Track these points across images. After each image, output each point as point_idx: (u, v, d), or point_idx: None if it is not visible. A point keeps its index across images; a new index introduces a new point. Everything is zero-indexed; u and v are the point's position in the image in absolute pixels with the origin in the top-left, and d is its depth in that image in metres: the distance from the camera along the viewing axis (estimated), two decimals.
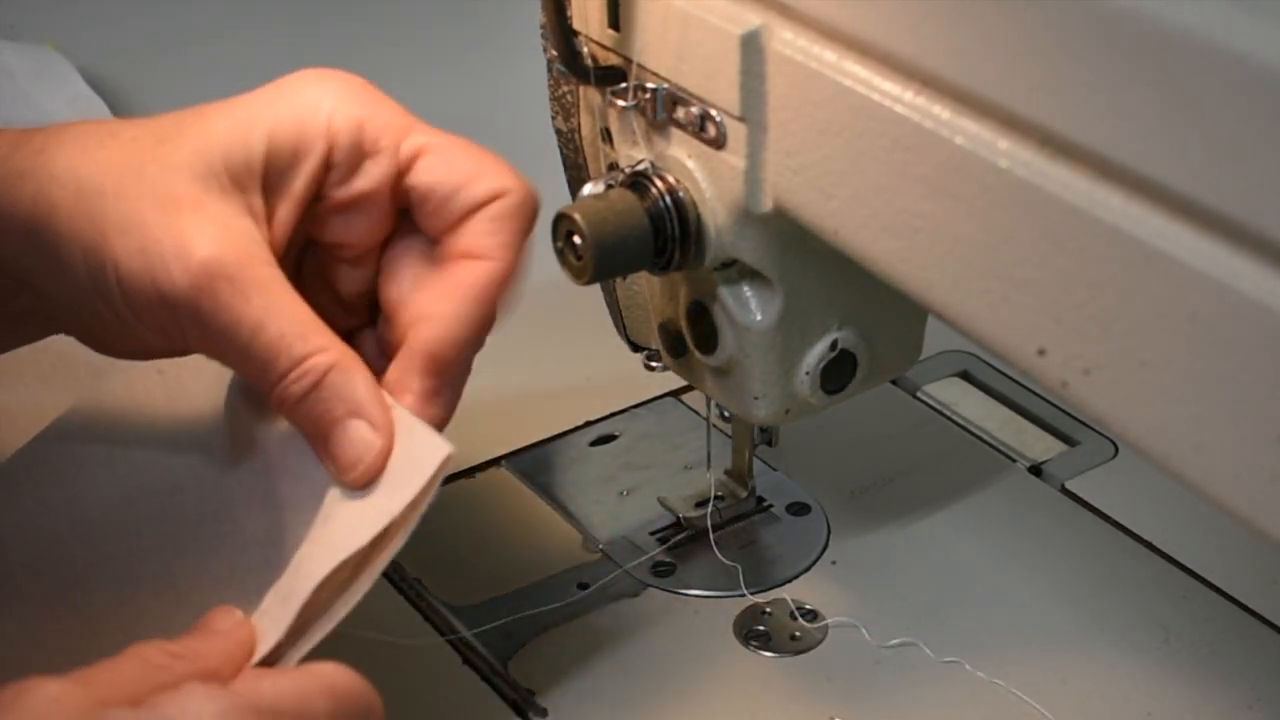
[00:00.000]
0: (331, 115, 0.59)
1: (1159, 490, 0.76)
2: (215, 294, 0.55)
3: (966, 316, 0.52)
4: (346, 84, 0.60)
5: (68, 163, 0.57)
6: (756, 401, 0.66)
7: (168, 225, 0.56)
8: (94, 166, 0.57)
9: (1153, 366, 0.46)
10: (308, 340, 0.56)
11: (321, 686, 0.52)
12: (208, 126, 0.58)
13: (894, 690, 0.69)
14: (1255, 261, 0.42)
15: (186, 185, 0.57)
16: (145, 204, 0.56)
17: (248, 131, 0.58)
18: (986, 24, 0.48)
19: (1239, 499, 0.44)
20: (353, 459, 0.57)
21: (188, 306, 0.55)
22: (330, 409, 0.57)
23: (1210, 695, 0.68)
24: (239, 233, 0.57)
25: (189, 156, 0.57)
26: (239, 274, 0.56)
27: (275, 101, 0.59)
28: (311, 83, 0.60)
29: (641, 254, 0.62)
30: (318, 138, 0.58)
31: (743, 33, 0.57)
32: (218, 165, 0.57)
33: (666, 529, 0.77)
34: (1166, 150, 0.43)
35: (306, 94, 0.59)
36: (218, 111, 0.59)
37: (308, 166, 0.59)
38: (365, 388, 0.57)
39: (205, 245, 0.55)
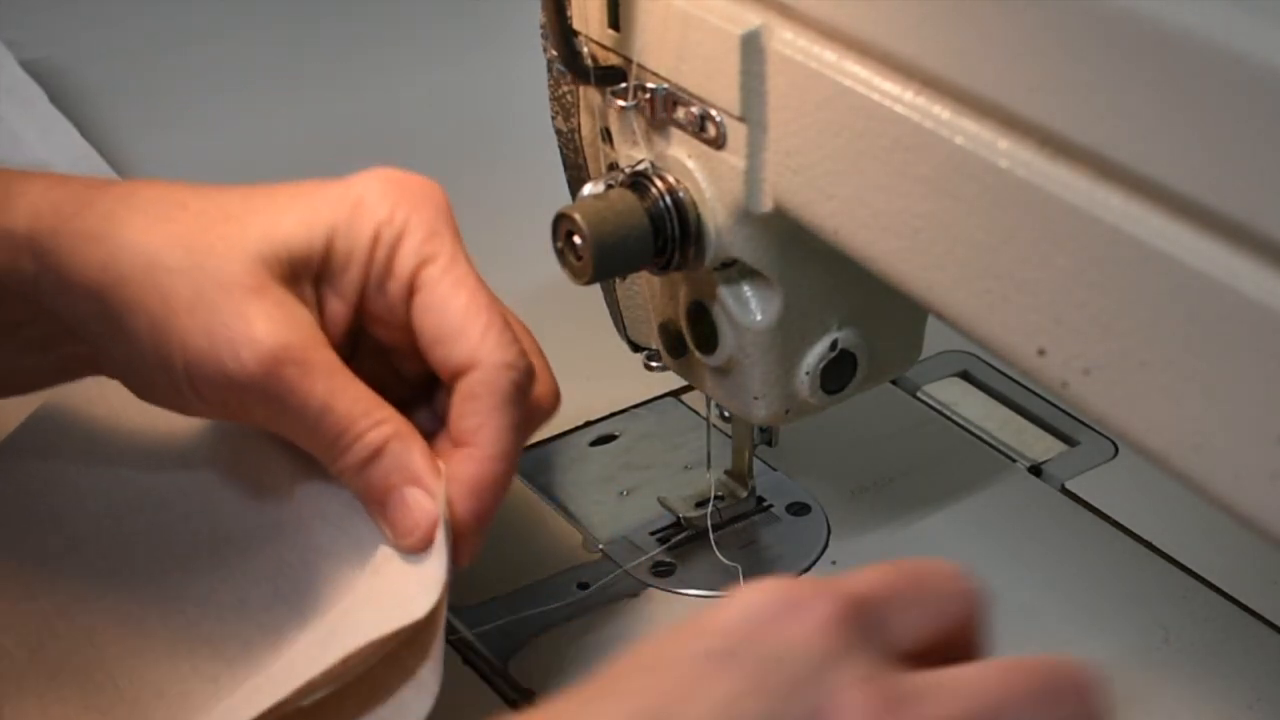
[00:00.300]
0: (379, 230, 0.61)
1: (1159, 490, 0.76)
2: (283, 379, 0.58)
3: (966, 316, 0.52)
4: (411, 194, 0.62)
5: (138, 234, 0.59)
6: (756, 401, 0.66)
7: (236, 309, 0.58)
8: (163, 239, 0.59)
9: (1153, 366, 0.46)
10: (369, 415, 0.59)
11: None
12: (276, 216, 0.60)
13: None
14: (1255, 261, 0.42)
15: (253, 269, 0.59)
16: (213, 284, 0.58)
17: (311, 228, 0.60)
18: (986, 24, 0.48)
19: (1239, 499, 0.44)
20: (410, 525, 0.59)
21: (256, 389, 0.58)
22: (388, 476, 0.59)
23: (1210, 695, 0.68)
24: (301, 319, 0.59)
25: (256, 240, 0.59)
26: (304, 359, 0.58)
27: (341, 202, 0.61)
28: (378, 189, 0.62)
29: (641, 254, 0.62)
30: (364, 251, 0.61)
31: (743, 33, 0.57)
32: (282, 254, 0.59)
33: (666, 529, 0.77)
34: (1166, 150, 0.43)
35: (369, 202, 0.61)
36: (287, 200, 0.61)
37: (354, 273, 0.61)
38: (422, 458, 0.60)
39: (275, 332, 0.58)
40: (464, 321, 0.60)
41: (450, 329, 0.60)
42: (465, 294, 0.61)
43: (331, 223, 0.61)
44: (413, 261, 0.61)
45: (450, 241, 0.62)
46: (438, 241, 0.61)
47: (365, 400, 0.60)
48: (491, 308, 0.61)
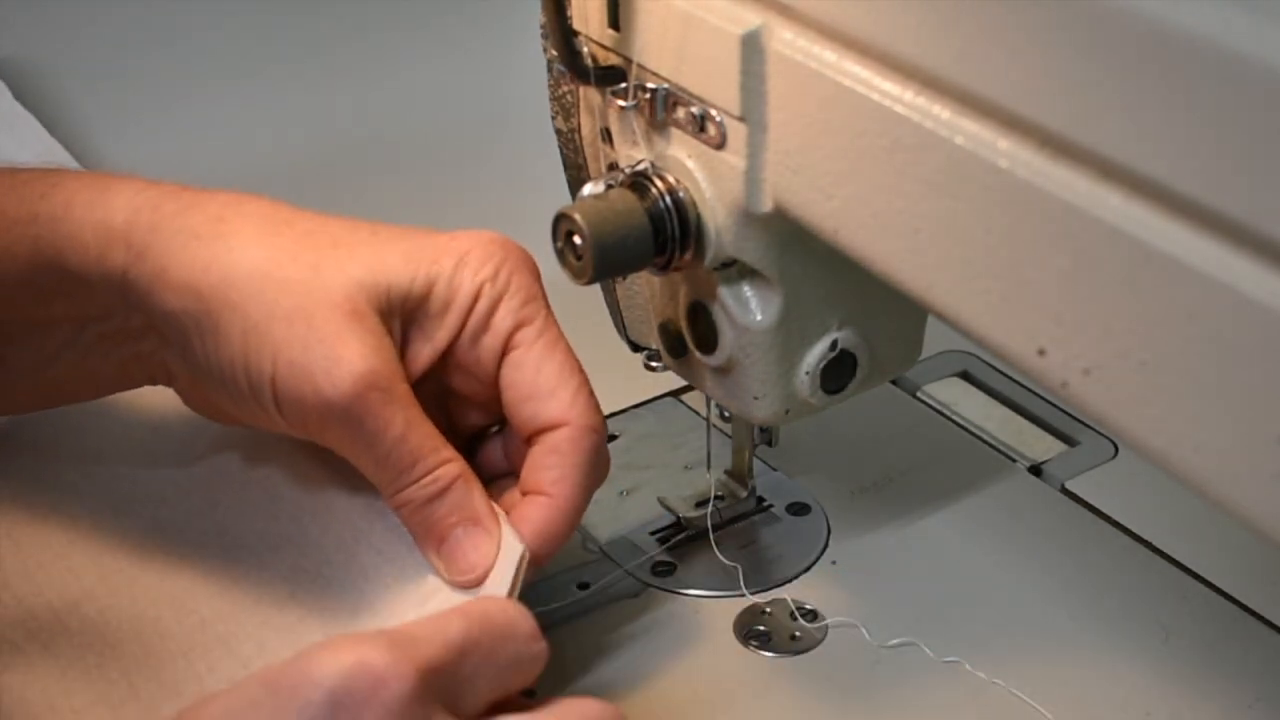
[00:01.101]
0: (482, 286, 0.63)
1: (1159, 490, 0.76)
2: (369, 402, 0.60)
3: (966, 316, 0.52)
4: (509, 256, 0.64)
5: (248, 241, 0.61)
6: (756, 401, 0.66)
7: (335, 328, 0.60)
8: (272, 249, 0.61)
9: (1153, 366, 0.46)
10: (439, 452, 0.62)
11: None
12: (383, 249, 0.63)
13: (894, 690, 0.69)
14: (1255, 261, 0.42)
15: (354, 294, 0.61)
16: (316, 300, 0.60)
17: (415, 270, 0.62)
18: (986, 24, 0.48)
19: (1239, 499, 0.44)
20: (467, 565, 0.62)
21: (340, 409, 0.60)
22: (451, 514, 0.62)
23: (1210, 695, 0.68)
24: (389, 350, 0.61)
25: (361, 268, 0.61)
26: (390, 387, 0.61)
27: (446, 251, 0.63)
28: (484, 248, 0.64)
29: (641, 254, 0.62)
30: (465, 303, 0.63)
31: (743, 33, 0.57)
32: (383, 287, 0.62)
33: (666, 529, 0.77)
34: (1166, 150, 0.43)
35: (475, 258, 0.63)
36: (392, 238, 0.63)
37: (450, 323, 0.63)
38: (483, 501, 0.63)
39: (367, 357, 0.60)
40: (558, 383, 0.64)
41: (544, 387, 0.63)
42: (560, 357, 0.64)
43: (436, 270, 0.63)
44: (510, 321, 0.64)
45: (545, 308, 0.65)
46: (535, 306, 0.64)
47: (436, 438, 0.62)
48: (581, 374, 0.65)
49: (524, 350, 0.64)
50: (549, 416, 0.64)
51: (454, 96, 1.12)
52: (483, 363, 0.64)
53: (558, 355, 0.64)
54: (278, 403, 0.61)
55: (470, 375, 0.65)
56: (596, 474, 0.65)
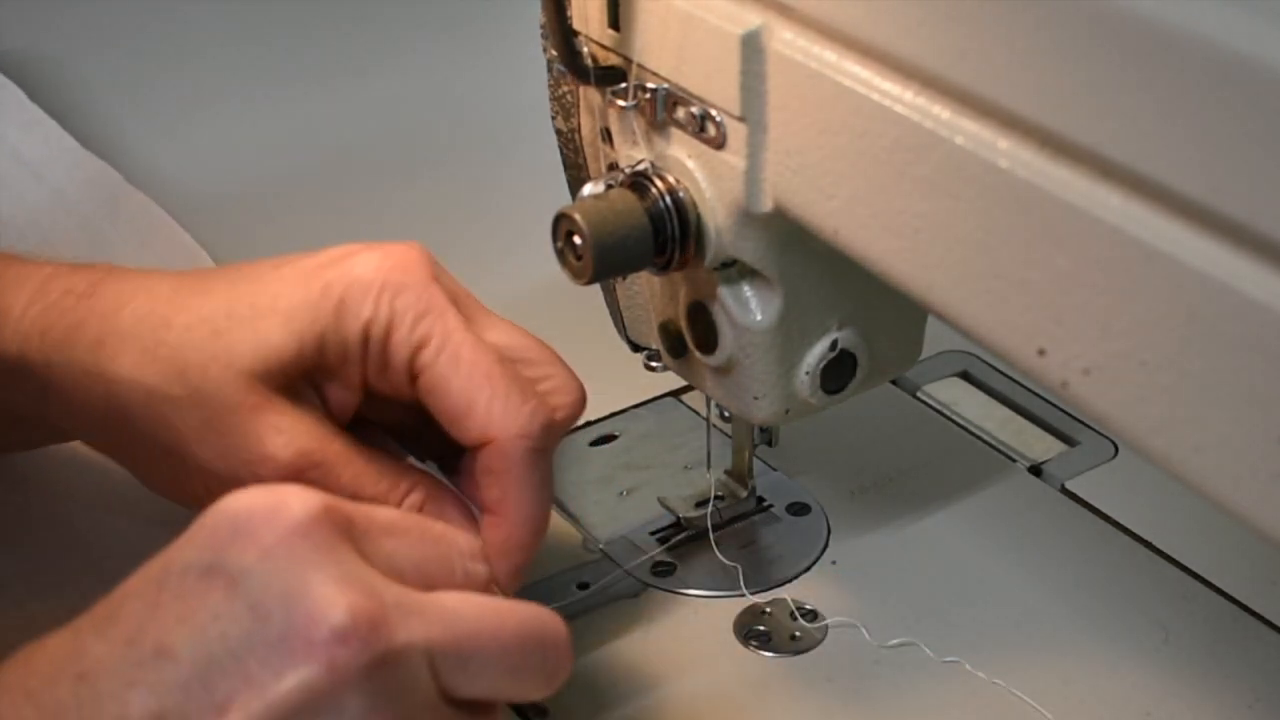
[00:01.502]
0: (366, 329, 0.61)
1: (1159, 490, 0.76)
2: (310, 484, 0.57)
3: (966, 316, 0.52)
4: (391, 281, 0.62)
5: (131, 369, 0.61)
6: (756, 401, 0.66)
7: (245, 429, 0.60)
8: (157, 370, 0.61)
9: (1153, 366, 0.46)
10: (397, 488, 0.62)
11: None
12: (261, 326, 0.61)
13: (894, 690, 0.69)
14: (1255, 261, 0.42)
15: (250, 386, 0.60)
16: (216, 409, 0.60)
17: (301, 339, 0.61)
18: (986, 24, 0.48)
19: (1239, 499, 0.44)
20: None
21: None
22: None
23: (1210, 695, 0.68)
24: (307, 421, 0.61)
25: (248, 359, 0.60)
26: (322, 459, 0.60)
27: (324, 306, 0.61)
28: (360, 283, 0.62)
29: (641, 254, 0.62)
30: (356, 350, 0.62)
31: (743, 33, 0.57)
32: (274, 368, 0.61)
33: (666, 529, 0.77)
34: (1166, 150, 0.43)
35: (352, 301, 0.61)
36: (269, 305, 0.61)
37: (352, 369, 0.62)
38: (455, 512, 0.63)
39: (288, 444, 0.60)
40: (468, 401, 0.61)
41: (457, 410, 0.61)
42: (463, 370, 0.61)
43: (319, 330, 0.61)
44: (406, 351, 0.62)
45: (438, 318, 0.62)
46: (425, 324, 0.62)
47: (389, 474, 0.62)
48: (492, 375, 0.61)
49: (428, 375, 0.62)
50: (475, 436, 0.62)
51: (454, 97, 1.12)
52: (402, 393, 0.63)
53: (461, 369, 0.61)
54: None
55: (400, 405, 0.64)
56: (542, 474, 0.63)
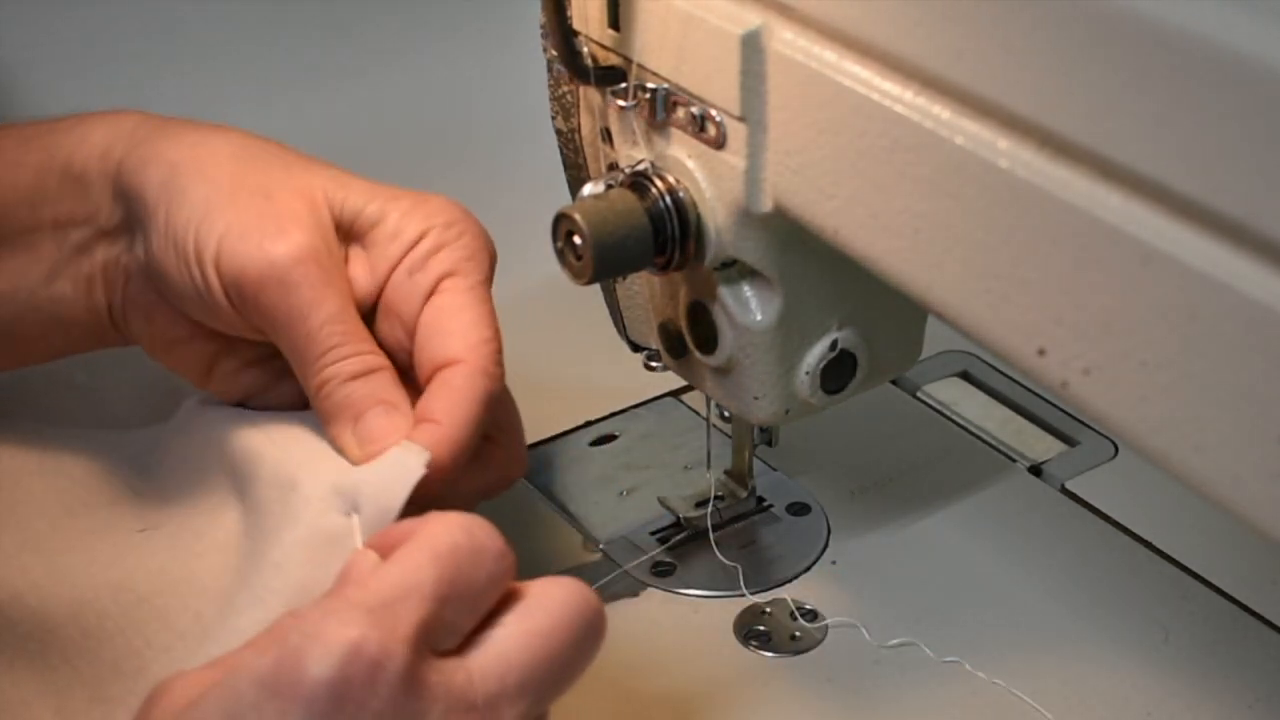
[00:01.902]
0: (430, 228, 0.65)
1: (1159, 490, 0.76)
2: (309, 272, 0.62)
3: (966, 316, 0.52)
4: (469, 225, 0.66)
5: (232, 138, 0.66)
6: (756, 401, 0.66)
7: (291, 209, 0.63)
8: (253, 145, 0.66)
9: (1153, 366, 0.46)
10: (370, 342, 0.64)
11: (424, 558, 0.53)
12: (346, 176, 0.66)
13: (894, 690, 0.69)
14: (1255, 261, 0.42)
15: (313, 196, 0.64)
16: (278, 185, 0.64)
17: (372, 198, 0.65)
18: (986, 24, 0.48)
19: (1239, 499, 0.44)
20: (376, 436, 0.62)
21: (282, 270, 0.62)
22: (374, 394, 0.62)
23: (1210, 695, 0.68)
24: (337, 250, 0.64)
25: (326, 180, 0.65)
26: (331, 271, 0.63)
27: (408, 195, 0.66)
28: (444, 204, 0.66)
29: (641, 254, 0.62)
30: (411, 237, 0.65)
31: (743, 33, 0.57)
32: (337, 201, 0.65)
33: (666, 529, 0.77)
34: (1166, 150, 0.43)
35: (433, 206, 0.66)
36: (353, 176, 0.66)
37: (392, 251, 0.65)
38: (403, 395, 0.63)
39: (309, 234, 0.62)
40: (469, 327, 0.63)
41: (453, 327, 0.63)
42: (481, 309, 0.64)
43: (393, 205, 0.65)
44: (446, 265, 0.64)
45: (484, 271, 0.65)
46: (473, 264, 0.65)
47: (369, 335, 0.64)
48: (498, 332, 0.65)
49: (449, 296, 0.64)
50: (450, 353, 0.63)
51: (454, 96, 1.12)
52: (410, 301, 0.64)
53: (480, 308, 0.64)
54: (219, 268, 0.62)
55: (396, 316, 0.65)
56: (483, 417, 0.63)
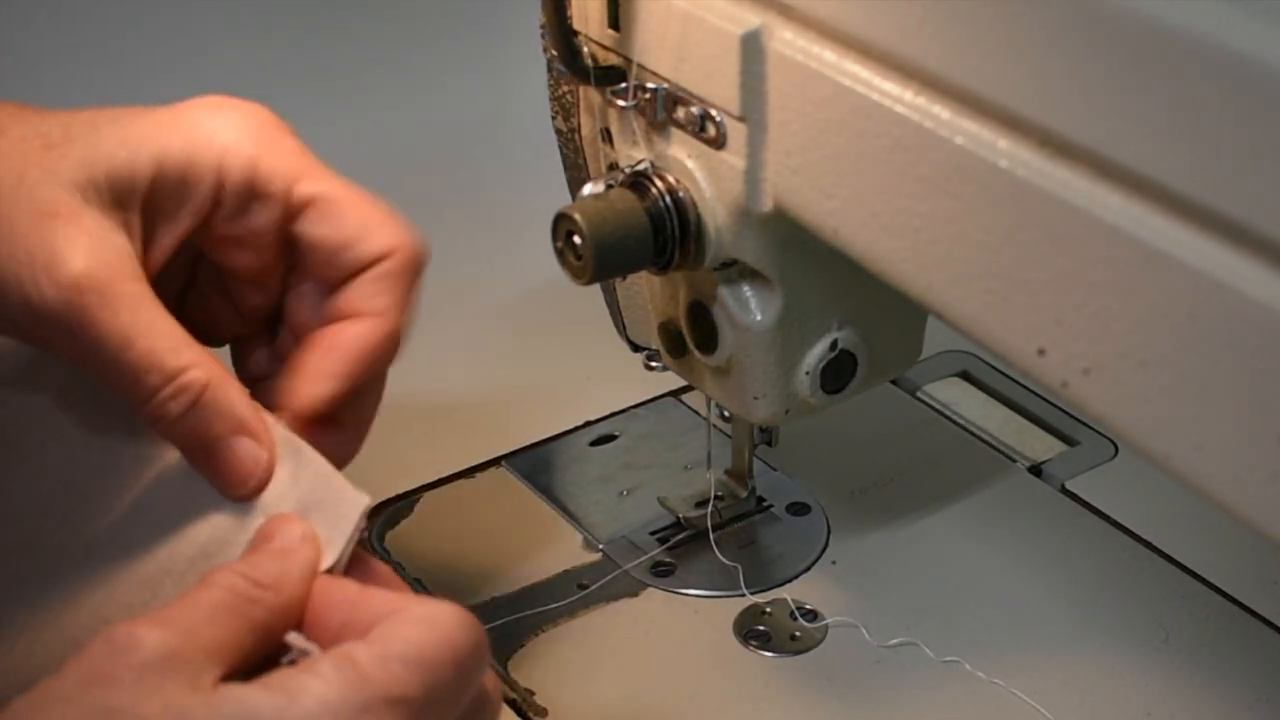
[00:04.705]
0: (225, 151, 0.58)
1: (1159, 490, 0.76)
2: (84, 308, 0.55)
3: (966, 316, 0.52)
4: (247, 118, 0.60)
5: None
6: (756, 401, 0.66)
7: (41, 235, 0.55)
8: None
9: (1153, 366, 0.46)
10: (179, 355, 0.56)
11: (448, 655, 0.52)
12: (97, 140, 0.57)
13: (894, 690, 0.69)
14: (1255, 261, 0.42)
15: (65, 196, 0.56)
16: (21, 211, 0.56)
17: (135, 152, 0.57)
18: (986, 24, 0.48)
19: (1239, 499, 0.44)
20: (243, 475, 0.57)
21: (56, 319, 0.55)
22: (212, 426, 0.57)
23: (1210, 695, 0.68)
24: (112, 248, 0.56)
25: (73, 167, 0.57)
26: (108, 289, 0.55)
27: (170, 126, 0.58)
28: (211, 113, 0.59)
29: (641, 254, 0.62)
30: (208, 172, 0.58)
31: (743, 33, 0.57)
32: (100, 180, 0.57)
33: (666, 529, 0.77)
34: (1166, 150, 0.43)
35: (204, 125, 0.59)
36: (109, 124, 0.58)
37: (195, 199, 0.58)
38: (243, 404, 0.57)
39: (77, 259, 0.55)
40: (369, 220, 0.59)
41: (360, 229, 0.59)
42: (355, 196, 0.60)
43: (160, 148, 0.58)
44: (281, 182, 0.59)
45: (304, 154, 0.60)
46: (294, 158, 0.59)
47: (174, 338, 0.57)
48: (380, 201, 0.60)
49: (324, 204, 0.59)
50: (377, 249, 0.59)
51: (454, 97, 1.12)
52: (259, 232, 0.59)
53: (353, 195, 0.60)
54: (3, 323, 0.56)
55: (245, 248, 0.60)
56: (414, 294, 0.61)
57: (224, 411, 0.57)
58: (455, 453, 0.64)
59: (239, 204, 0.59)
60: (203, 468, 0.58)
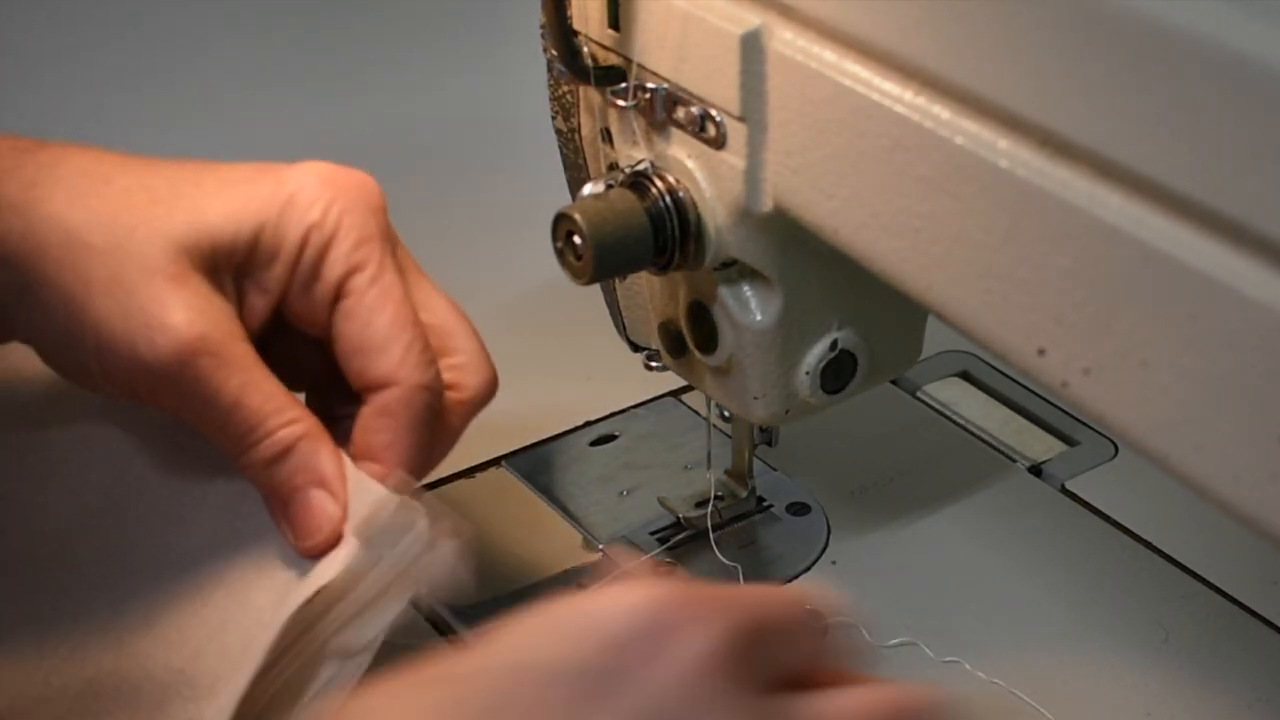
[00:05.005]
0: (310, 229, 0.60)
1: (1159, 490, 0.76)
2: (198, 368, 0.57)
3: (966, 316, 0.52)
4: (345, 195, 0.61)
5: (60, 207, 0.58)
6: (756, 401, 0.66)
7: (154, 294, 0.57)
8: (85, 215, 0.58)
9: (1153, 366, 0.46)
10: (281, 414, 0.59)
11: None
12: (203, 202, 0.59)
13: None
14: (1255, 261, 0.42)
15: (174, 256, 0.58)
16: (133, 267, 0.57)
17: (239, 223, 0.60)
18: (987, 24, 0.48)
19: (1239, 499, 0.44)
20: (313, 528, 0.59)
21: (168, 378, 0.57)
22: (294, 476, 0.59)
23: (1210, 695, 0.68)
24: (220, 310, 0.59)
25: (180, 227, 0.59)
26: (220, 351, 0.58)
27: (272, 197, 0.60)
28: (312, 188, 0.61)
29: (641, 254, 0.62)
30: (295, 247, 0.60)
31: (743, 33, 0.57)
32: (205, 244, 0.59)
33: (666, 529, 0.77)
34: (1166, 150, 0.43)
35: (301, 199, 0.61)
36: (216, 186, 0.60)
37: (281, 271, 0.61)
38: (330, 460, 0.59)
39: (192, 321, 0.57)
40: (387, 337, 0.61)
41: (373, 342, 0.61)
42: (391, 308, 0.61)
43: (261, 218, 0.60)
44: (340, 269, 0.61)
45: (379, 248, 0.61)
46: (367, 249, 0.61)
47: (278, 398, 0.59)
48: (415, 325, 0.61)
49: (355, 299, 0.61)
50: (379, 374, 0.61)
51: (454, 97, 1.12)
52: (317, 313, 0.62)
53: (389, 307, 0.61)
54: (106, 375, 0.59)
55: (311, 325, 0.62)
56: (429, 437, 0.62)
57: (309, 465, 0.59)
58: (454, 452, 0.64)
59: (306, 281, 0.61)
60: (278, 514, 0.60)
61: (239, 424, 0.58)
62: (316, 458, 0.59)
